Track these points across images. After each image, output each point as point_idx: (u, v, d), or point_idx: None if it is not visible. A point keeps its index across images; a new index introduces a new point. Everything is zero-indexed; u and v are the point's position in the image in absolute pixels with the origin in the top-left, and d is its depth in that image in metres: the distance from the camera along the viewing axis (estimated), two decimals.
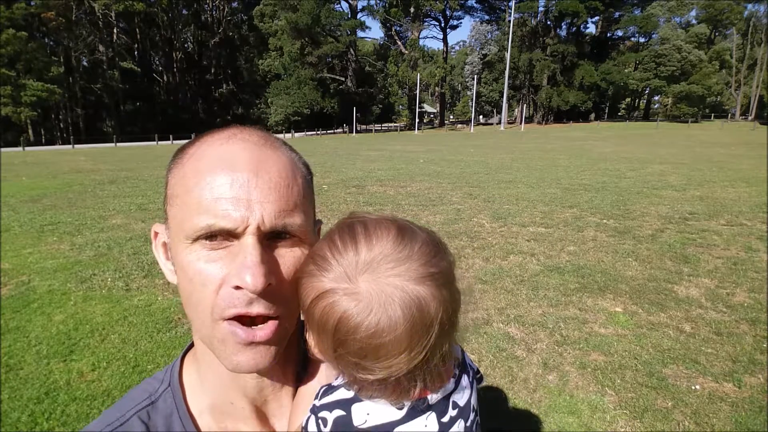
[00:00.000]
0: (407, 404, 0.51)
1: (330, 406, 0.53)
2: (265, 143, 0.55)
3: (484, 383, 3.04)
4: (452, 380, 0.54)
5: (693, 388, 2.94)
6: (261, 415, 0.62)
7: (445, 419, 0.52)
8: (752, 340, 3.50)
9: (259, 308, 0.50)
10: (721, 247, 5.79)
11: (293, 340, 0.65)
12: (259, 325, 0.51)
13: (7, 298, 4.36)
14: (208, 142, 0.54)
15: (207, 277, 0.50)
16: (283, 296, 0.52)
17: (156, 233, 0.59)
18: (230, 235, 0.50)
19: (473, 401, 0.57)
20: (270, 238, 0.51)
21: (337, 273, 0.49)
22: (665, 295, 4.37)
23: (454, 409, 0.53)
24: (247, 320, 0.51)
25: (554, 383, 3.04)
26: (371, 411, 0.51)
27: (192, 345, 0.65)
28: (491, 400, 2.92)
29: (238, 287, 0.49)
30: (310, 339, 0.55)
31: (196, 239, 0.50)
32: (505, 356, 3.36)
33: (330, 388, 0.55)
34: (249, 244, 0.49)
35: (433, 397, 0.52)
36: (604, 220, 7.22)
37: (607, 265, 5.23)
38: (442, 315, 0.48)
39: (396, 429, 0.50)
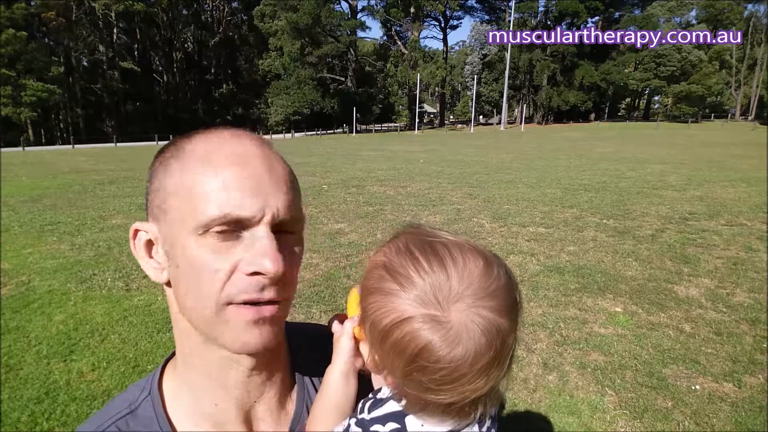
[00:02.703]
0: (459, 422, 0.52)
1: (382, 420, 0.52)
2: (263, 143, 0.57)
3: None
4: None
5: (693, 388, 2.94)
6: (246, 418, 0.61)
7: (484, 429, 0.54)
8: (752, 340, 3.50)
9: (270, 293, 0.52)
10: (721, 247, 5.79)
11: (281, 338, 0.64)
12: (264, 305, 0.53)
13: (7, 298, 4.36)
14: (214, 140, 0.54)
15: (218, 265, 0.50)
16: (286, 285, 0.54)
17: (136, 231, 0.57)
18: (243, 226, 0.51)
19: (497, 413, 0.59)
20: (276, 231, 0.53)
21: (427, 298, 0.47)
22: (665, 295, 4.37)
23: (489, 419, 0.55)
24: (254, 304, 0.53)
25: (554, 383, 3.04)
26: (425, 423, 0.51)
27: (173, 354, 0.64)
28: None
29: (254, 273, 0.50)
30: (369, 354, 0.53)
31: (207, 231, 0.50)
32: None
33: (378, 401, 0.54)
34: (264, 232, 0.51)
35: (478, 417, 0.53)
36: (604, 220, 7.22)
37: (607, 265, 5.23)
38: (515, 346, 0.49)
39: None
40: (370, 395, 0.57)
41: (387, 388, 0.54)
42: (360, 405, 0.56)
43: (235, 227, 0.51)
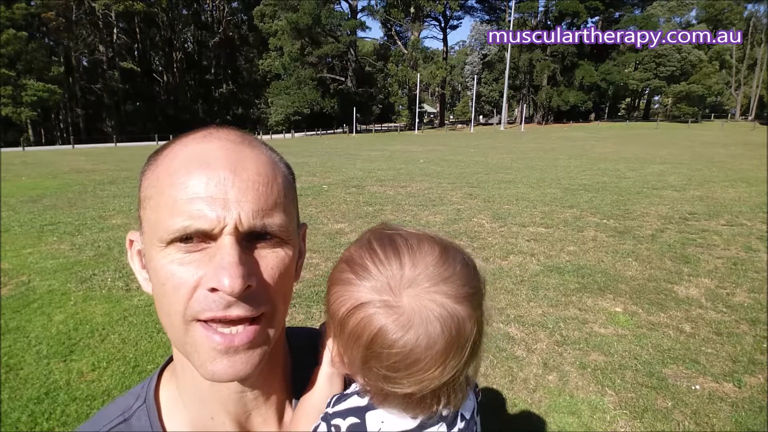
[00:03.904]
0: (421, 415, 0.51)
1: (343, 414, 0.52)
2: (243, 141, 0.52)
3: (483, 382, 3.04)
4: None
5: (693, 388, 2.94)
6: (243, 430, 0.59)
7: (454, 431, 0.53)
8: (752, 340, 3.50)
9: (238, 311, 0.47)
10: (721, 247, 5.79)
11: (279, 348, 0.62)
12: (238, 327, 0.48)
13: (7, 298, 4.36)
14: (183, 142, 0.52)
15: (181, 279, 0.47)
16: (265, 298, 0.49)
17: (131, 241, 0.56)
18: (207, 237, 0.47)
19: (476, 414, 0.58)
20: (250, 239, 0.49)
21: (380, 284, 0.48)
22: (665, 295, 4.37)
23: (461, 421, 0.54)
24: (225, 323, 0.48)
25: (554, 383, 3.04)
26: (385, 419, 0.51)
27: (171, 359, 0.61)
28: (491, 400, 2.91)
29: (214, 290, 0.46)
30: (333, 347, 0.54)
31: (171, 242, 0.47)
32: (505, 356, 3.36)
33: (342, 396, 0.55)
34: (226, 244, 0.46)
35: (445, 410, 0.52)
36: (604, 220, 7.22)
37: (607, 265, 5.22)
38: (475, 335, 0.48)
39: None
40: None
41: (355, 384, 0.55)
42: (329, 399, 0.56)
43: (199, 239, 0.47)
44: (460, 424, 0.53)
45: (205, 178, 0.47)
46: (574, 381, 3.06)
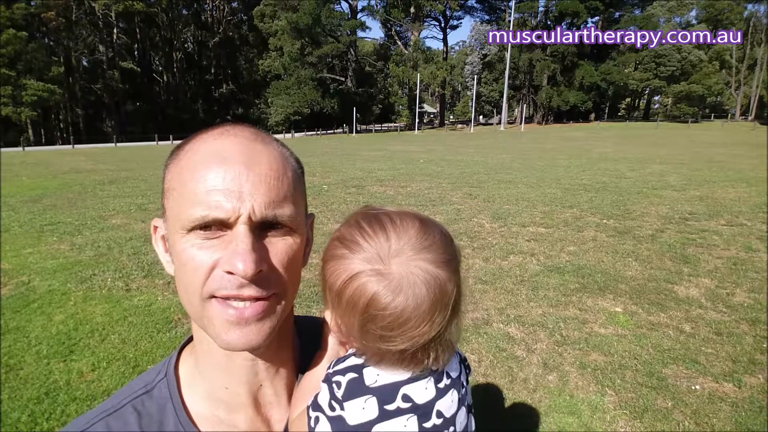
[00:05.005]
0: (413, 369, 0.57)
1: (343, 371, 0.58)
2: (256, 138, 0.57)
3: (483, 382, 3.04)
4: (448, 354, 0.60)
5: (693, 388, 2.94)
6: (255, 401, 0.64)
7: (441, 386, 0.58)
8: (752, 340, 3.50)
9: (250, 292, 0.52)
10: (721, 247, 5.79)
11: (288, 330, 0.67)
12: (248, 302, 0.53)
13: (7, 298, 4.36)
14: (203, 139, 0.57)
15: (200, 261, 0.52)
16: (275, 281, 0.55)
17: (155, 227, 0.62)
18: (223, 225, 0.52)
19: (463, 378, 0.64)
20: (262, 228, 0.54)
21: (370, 255, 0.54)
22: (665, 295, 4.37)
23: (447, 378, 0.59)
24: (238, 300, 0.53)
25: (554, 383, 3.04)
26: (381, 372, 0.56)
27: (191, 338, 0.67)
28: (491, 400, 2.92)
29: (229, 272, 0.51)
30: (330, 318, 0.59)
31: (191, 229, 0.53)
32: (505, 356, 3.36)
33: (341, 359, 0.60)
34: (241, 232, 0.51)
35: (434, 365, 0.57)
36: (604, 220, 7.22)
37: (607, 265, 5.22)
38: (455, 295, 0.55)
39: (402, 388, 0.56)
40: None
41: (352, 349, 0.60)
42: (329, 363, 0.62)
43: (218, 226, 0.52)
44: (446, 380, 0.59)
45: (222, 172, 0.52)
46: (574, 381, 3.06)
